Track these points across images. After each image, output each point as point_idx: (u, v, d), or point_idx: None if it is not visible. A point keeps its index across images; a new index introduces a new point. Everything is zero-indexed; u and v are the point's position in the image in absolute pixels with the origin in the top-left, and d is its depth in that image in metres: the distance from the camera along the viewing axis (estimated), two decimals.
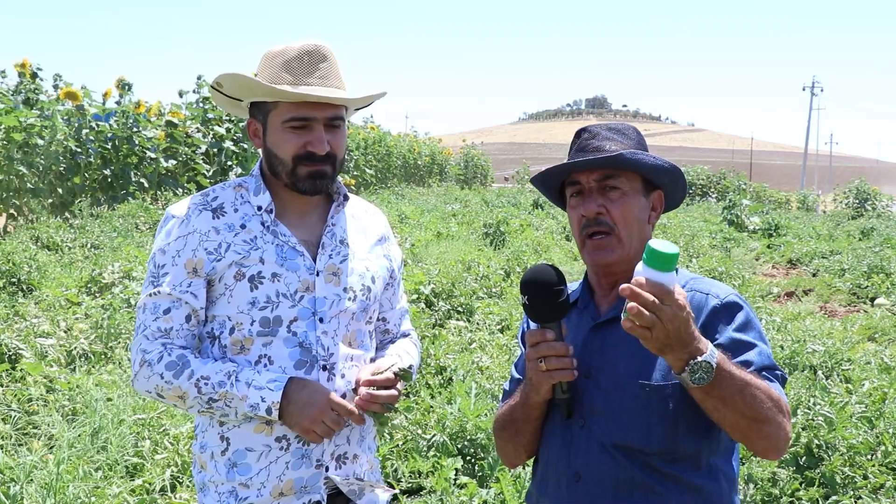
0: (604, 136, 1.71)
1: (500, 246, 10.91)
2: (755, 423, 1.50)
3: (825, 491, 3.52)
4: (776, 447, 1.56)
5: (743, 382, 1.48)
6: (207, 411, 1.79)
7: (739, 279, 8.96)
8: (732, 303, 1.64)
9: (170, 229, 1.84)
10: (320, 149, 1.80)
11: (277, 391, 1.74)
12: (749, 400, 1.48)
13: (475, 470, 3.75)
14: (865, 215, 21.12)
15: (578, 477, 1.66)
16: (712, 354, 1.45)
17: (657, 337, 1.40)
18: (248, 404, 1.74)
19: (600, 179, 1.68)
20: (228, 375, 1.76)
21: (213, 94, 1.91)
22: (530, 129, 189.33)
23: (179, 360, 1.77)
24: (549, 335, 1.62)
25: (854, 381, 4.68)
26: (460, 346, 5.41)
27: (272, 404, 1.74)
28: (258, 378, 1.76)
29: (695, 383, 1.44)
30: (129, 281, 6.31)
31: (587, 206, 1.68)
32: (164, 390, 1.77)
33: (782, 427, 1.53)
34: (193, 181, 13.59)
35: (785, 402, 1.55)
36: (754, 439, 1.53)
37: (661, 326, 1.39)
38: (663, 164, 1.70)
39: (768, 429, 1.51)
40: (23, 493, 3.20)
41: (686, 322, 1.42)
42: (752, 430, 1.52)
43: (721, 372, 1.45)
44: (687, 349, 1.43)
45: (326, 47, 1.83)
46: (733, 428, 1.53)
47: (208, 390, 1.75)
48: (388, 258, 2.03)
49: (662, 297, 1.39)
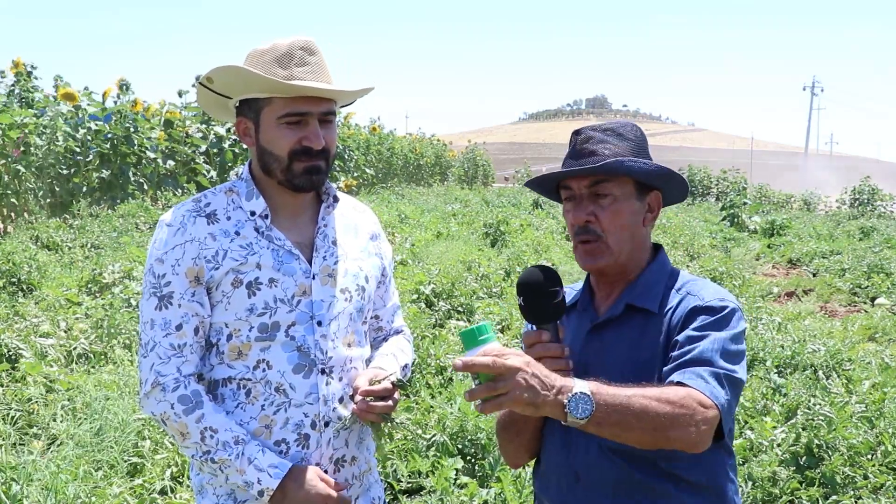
0: (598, 139, 1.69)
1: (500, 246, 10.91)
2: (658, 433, 1.45)
3: (825, 491, 3.52)
4: (692, 444, 1.49)
5: (626, 398, 1.43)
6: (199, 460, 1.76)
7: (739, 279, 8.96)
8: (711, 306, 1.61)
9: (165, 238, 1.79)
10: (317, 143, 1.78)
11: (276, 479, 1.72)
12: (641, 413, 1.42)
13: (475, 470, 3.75)
14: (866, 215, 21.12)
15: (578, 477, 1.66)
16: (582, 385, 1.41)
17: (516, 399, 1.35)
18: (242, 479, 1.72)
19: (591, 185, 1.67)
20: (236, 442, 1.73)
21: (200, 94, 1.87)
22: (530, 129, 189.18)
23: (194, 397, 1.74)
24: (544, 336, 1.62)
25: (854, 381, 4.68)
26: (460, 347, 5.41)
27: (266, 489, 1.72)
28: (261, 458, 1.73)
29: (581, 418, 1.39)
30: (129, 281, 6.32)
31: (576, 215, 1.68)
32: (170, 420, 1.74)
33: (691, 423, 1.46)
34: (193, 181, 13.58)
35: (694, 396, 1.47)
36: (665, 446, 1.49)
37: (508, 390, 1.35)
38: (653, 168, 1.68)
39: (674, 433, 1.45)
40: (23, 493, 3.20)
41: (528, 372, 1.37)
42: (659, 441, 1.47)
43: (600, 397, 1.40)
44: (551, 393, 1.38)
45: (315, 42, 1.82)
46: (640, 444, 1.49)
47: (211, 444, 1.72)
48: (380, 256, 2.02)
49: (482, 370, 1.36)
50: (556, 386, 1.39)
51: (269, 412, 1.79)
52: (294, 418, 1.80)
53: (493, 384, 1.35)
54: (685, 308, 1.63)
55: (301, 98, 1.77)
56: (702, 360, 1.54)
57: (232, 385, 1.80)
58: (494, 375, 1.36)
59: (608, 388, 1.44)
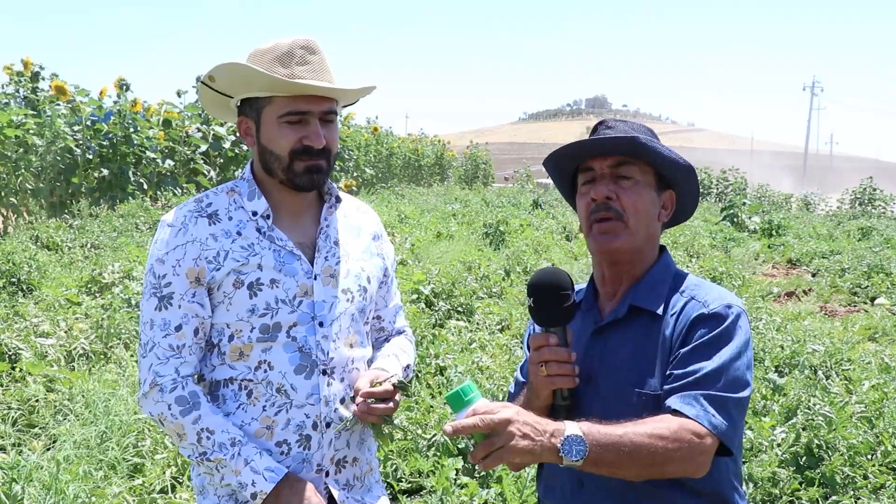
0: (621, 128, 1.70)
1: (500, 246, 10.90)
2: (654, 468, 1.44)
3: (825, 491, 3.52)
4: (690, 474, 1.50)
5: (617, 438, 1.42)
6: (196, 461, 1.76)
7: (739, 279, 8.95)
8: (716, 314, 1.58)
9: (166, 238, 1.79)
10: (318, 142, 1.78)
11: (270, 483, 1.71)
12: (633, 452, 1.42)
13: (475, 470, 3.75)
14: (866, 215, 21.11)
15: (581, 483, 1.64)
16: (571, 426, 1.40)
17: (514, 450, 1.35)
18: (237, 480, 1.72)
19: (614, 166, 1.65)
20: (232, 443, 1.73)
21: (201, 92, 1.87)
22: (530, 129, 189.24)
23: (191, 398, 1.74)
24: (552, 340, 1.60)
25: (854, 381, 4.68)
26: (460, 346, 5.41)
27: (259, 493, 1.71)
28: (258, 460, 1.73)
29: (576, 460, 1.38)
30: (129, 281, 6.31)
31: (598, 190, 1.65)
32: (167, 421, 1.75)
33: (686, 458, 1.45)
34: (193, 181, 13.58)
35: (688, 427, 1.46)
36: (666, 476, 1.49)
37: (504, 443, 1.35)
38: (679, 158, 1.67)
39: (670, 468, 1.46)
40: (23, 493, 3.20)
41: (520, 421, 1.37)
42: (656, 475, 1.47)
43: (592, 438, 1.40)
44: (545, 437, 1.38)
45: (316, 42, 1.82)
46: (640, 478, 1.48)
47: (207, 445, 1.73)
48: (382, 256, 2.01)
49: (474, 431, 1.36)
50: (547, 431, 1.39)
51: (271, 413, 1.79)
52: (295, 419, 1.80)
53: (490, 441, 1.36)
54: (688, 316, 1.60)
55: (302, 97, 1.77)
56: (703, 383, 1.51)
57: (233, 386, 1.80)
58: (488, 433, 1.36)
59: (600, 427, 1.43)
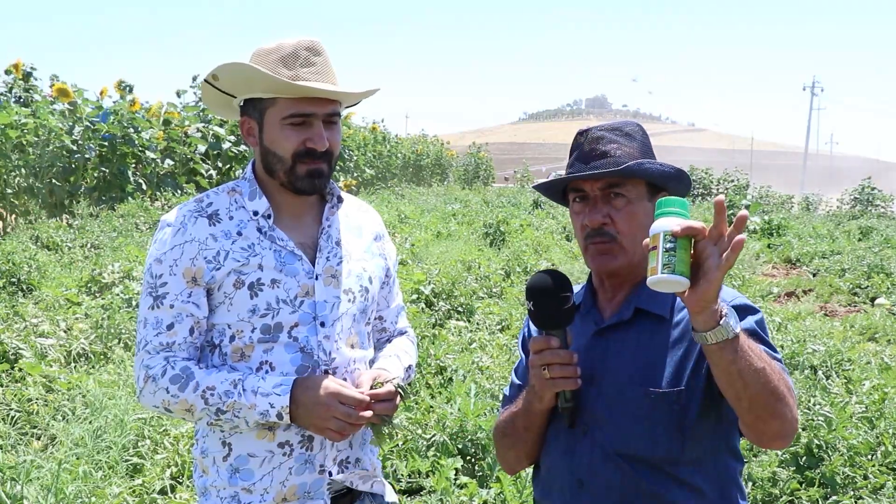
0: (608, 139, 1.66)
1: (500, 246, 10.90)
2: (772, 399, 1.41)
3: (825, 491, 3.52)
4: (784, 432, 1.46)
5: (759, 351, 1.42)
6: (216, 423, 1.76)
7: (739, 279, 8.95)
8: (745, 305, 1.58)
9: (165, 238, 1.79)
10: (321, 145, 1.77)
11: (285, 395, 1.71)
12: (769, 370, 1.40)
13: (475, 470, 3.75)
14: (866, 215, 21.10)
15: (581, 484, 1.63)
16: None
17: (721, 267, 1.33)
18: (257, 412, 1.71)
19: (605, 188, 1.64)
20: (234, 385, 1.73)
21: (204, 91, 1.86)
22: (530, 129, 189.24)
23: (183, 372, 1.74)
24: (553, 342, 1.58)
25: (854, 381, 4.68)
26: (460, 346, 5.41)
27: (282, 409, 1.70)
28: (263, 384, 1.73)
29: (732, 333, 1.36)
30: (129, 281, 6.32)
31: (591, 217, 1.64)
32: (171, 404, 1.74)
33: (792, 409, 1.45)
34: (193, 181, 13.57)
35: (793, 388, 1.47)
36: (767, 419, 1.44)
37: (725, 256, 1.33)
38: (669, 170, 1.66)
39: (782, 408, 1.43)
40: (23, 493, 3.20)
41: None
42: (769, 406, 1.42)
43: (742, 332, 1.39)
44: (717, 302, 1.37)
45: (320, 43, 1.81)
46: (753, 401, 1.41)
47: (215, 401, 1.72)
48: (384, 256, 2.01)
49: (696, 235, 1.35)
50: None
51: None
52: None
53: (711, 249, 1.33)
54: None
55: (306, 99, 1.76)
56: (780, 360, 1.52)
57: None
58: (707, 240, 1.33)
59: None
